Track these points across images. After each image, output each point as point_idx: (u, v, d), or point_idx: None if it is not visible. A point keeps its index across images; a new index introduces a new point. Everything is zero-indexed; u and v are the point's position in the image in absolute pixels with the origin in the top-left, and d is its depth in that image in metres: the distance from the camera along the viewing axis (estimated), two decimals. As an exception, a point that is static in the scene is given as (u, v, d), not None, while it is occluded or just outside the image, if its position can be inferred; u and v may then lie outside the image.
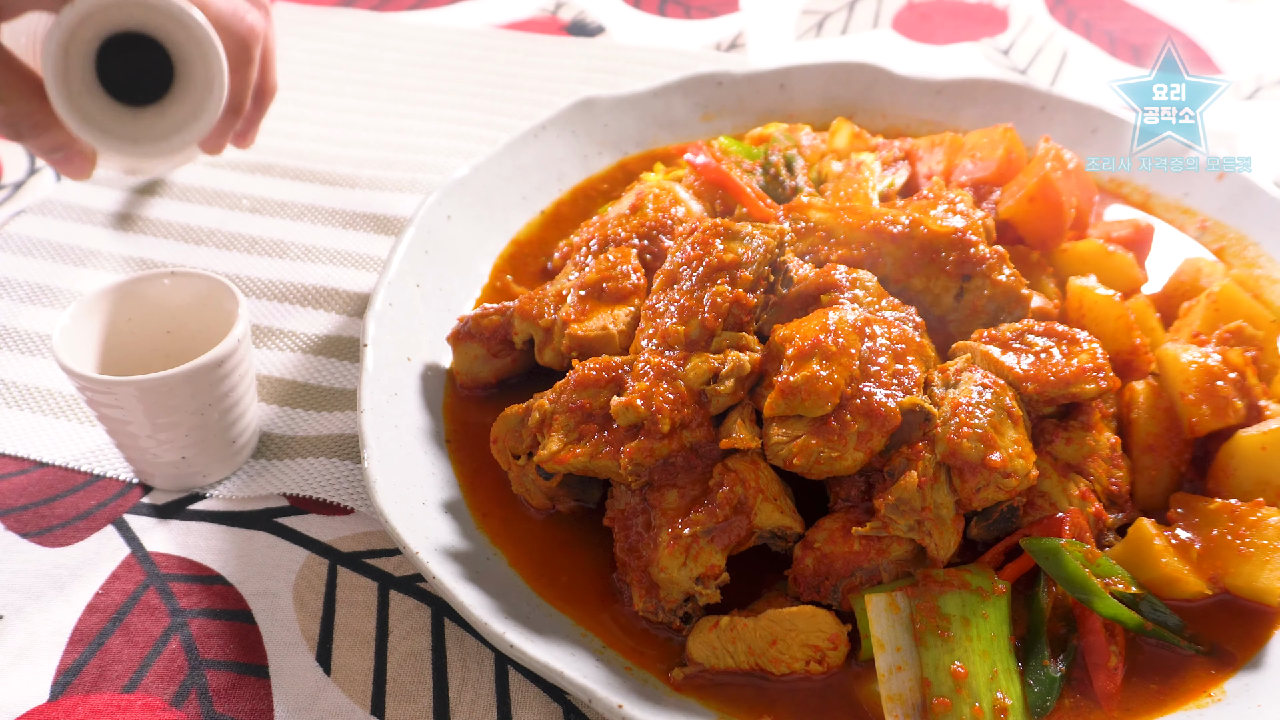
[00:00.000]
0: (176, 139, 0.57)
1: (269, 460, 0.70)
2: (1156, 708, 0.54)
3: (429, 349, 0.73)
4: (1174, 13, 1.22)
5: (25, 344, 0.79)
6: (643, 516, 0.59)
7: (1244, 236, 0.78)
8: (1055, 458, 0.61)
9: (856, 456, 0.56)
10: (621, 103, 0.90)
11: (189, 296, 0.68)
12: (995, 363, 0.61)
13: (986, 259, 0.66)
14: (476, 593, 0.56)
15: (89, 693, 0.57)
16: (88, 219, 0.91)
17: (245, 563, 0.64)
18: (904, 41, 1.19)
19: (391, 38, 1.19)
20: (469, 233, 0.80)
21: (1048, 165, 0.74)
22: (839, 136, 0.84)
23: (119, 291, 0.67)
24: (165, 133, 0.57)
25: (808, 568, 0.57)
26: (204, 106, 0.56)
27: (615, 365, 0.60)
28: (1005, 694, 0.52)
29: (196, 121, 0.56)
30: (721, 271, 0.61)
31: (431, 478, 0.64)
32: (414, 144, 1.01)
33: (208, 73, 0.55)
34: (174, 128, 0.57)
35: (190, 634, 0.60)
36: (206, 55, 0.54)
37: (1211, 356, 0.63)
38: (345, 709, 0.57)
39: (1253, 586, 0.57)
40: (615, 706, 0.50)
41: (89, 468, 0.70)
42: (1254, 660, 0.55)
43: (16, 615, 0.61)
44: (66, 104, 0.53)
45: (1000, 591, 0.55)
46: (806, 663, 0.55)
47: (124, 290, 0.67)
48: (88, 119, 0.54)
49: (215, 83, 0.55)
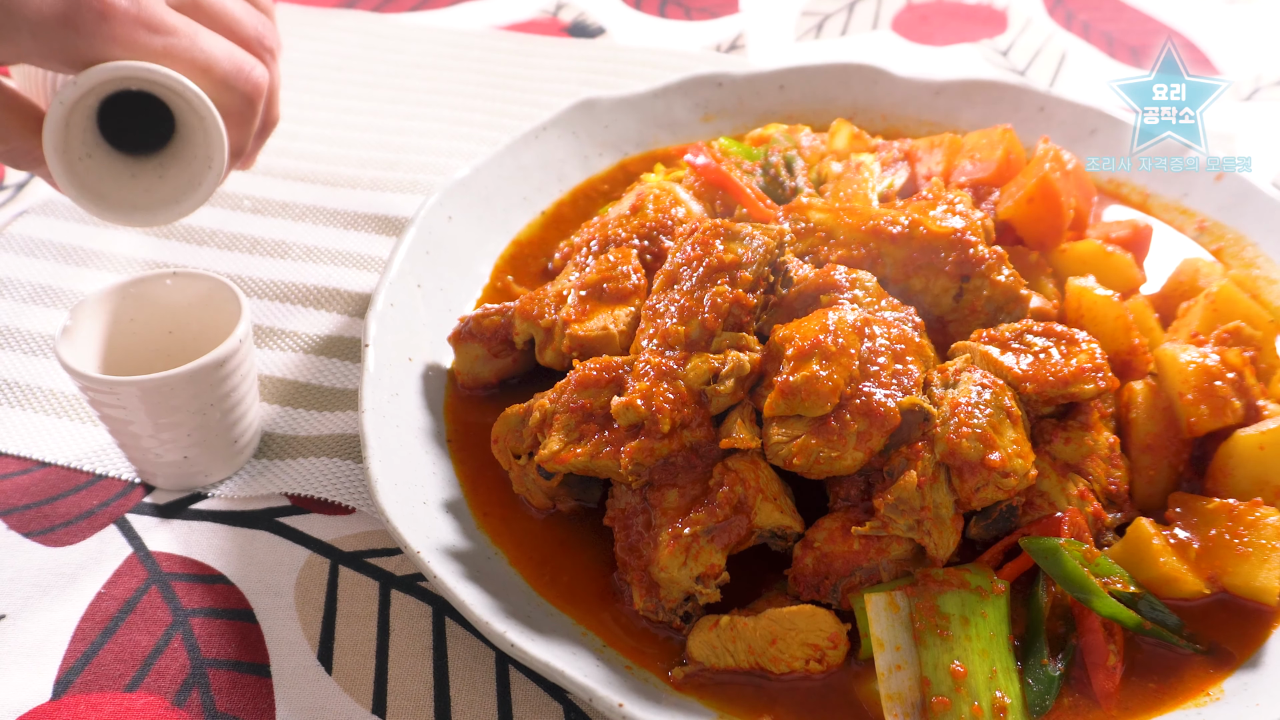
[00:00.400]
0: (174, 209, 0.56)
1: (271, 460, 0.71)
2: (1155, 706, 0.54)
3: (430, 349, 0.73)
4: (1172, 14, 1.22)
5: (28, 344, 0.79)
6: (643, 516, 0.59)
7: (1242, 237, 0.79)
8: (1054, 457, 0.61)
9: (856, 456, 0.56)
10: (622, 104, 0.90)
11: (191, 297, 0.68)
12: (994, 363, 0.61)
13: (985, 259, 0.66)
14: (477, 592, 0.56)
15: (91, 691, 0.57)
16: (90, 220, 0.91)
17: (247, 562, 0.64)
18: (903, 43, 1.19)
19: (393, 39, 1.19)
20: (470, 233, 0.81)
21: (1046, 166, 0.74)
22: (838, 137, 0.84)
23: (121, 292, 0.67)
24: (162, 201, 0.56)
25: (807, 567, 0.58)
26: (202, 180, 0.55)
27: (616, 365, 0.60)
28: (1004, 693, 0.52)
29: (194, 193, 0.56)
30: (721, 272, 0.61)
31: (433, 477, 0.65)
32: (415, 145, 1.01)
33: (208, 148, 0.54)
34: (171, 197, 0.56)
35: (192, 633, 0.60)
36: (208, 131, 0.54)
37: (1210, 356, 0.64)
38: (346, 708, 0.57)
39: (1251, 586, 0.57)
40: (616, 705, 0.51)
41: (91, 467, 0.70)
42: (1252, 659, 0.56)
43: (19, 614, 0.61)
44: (66, 175, 0.52)
45: (999, 591, 0.55)
46: (806, 661, 0.55)
47: (126, 291, 0.67)
48: (85, 188, 0.54)
49: (215, 159, 0.54)
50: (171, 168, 0.57)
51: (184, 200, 0.57)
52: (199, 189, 0.56)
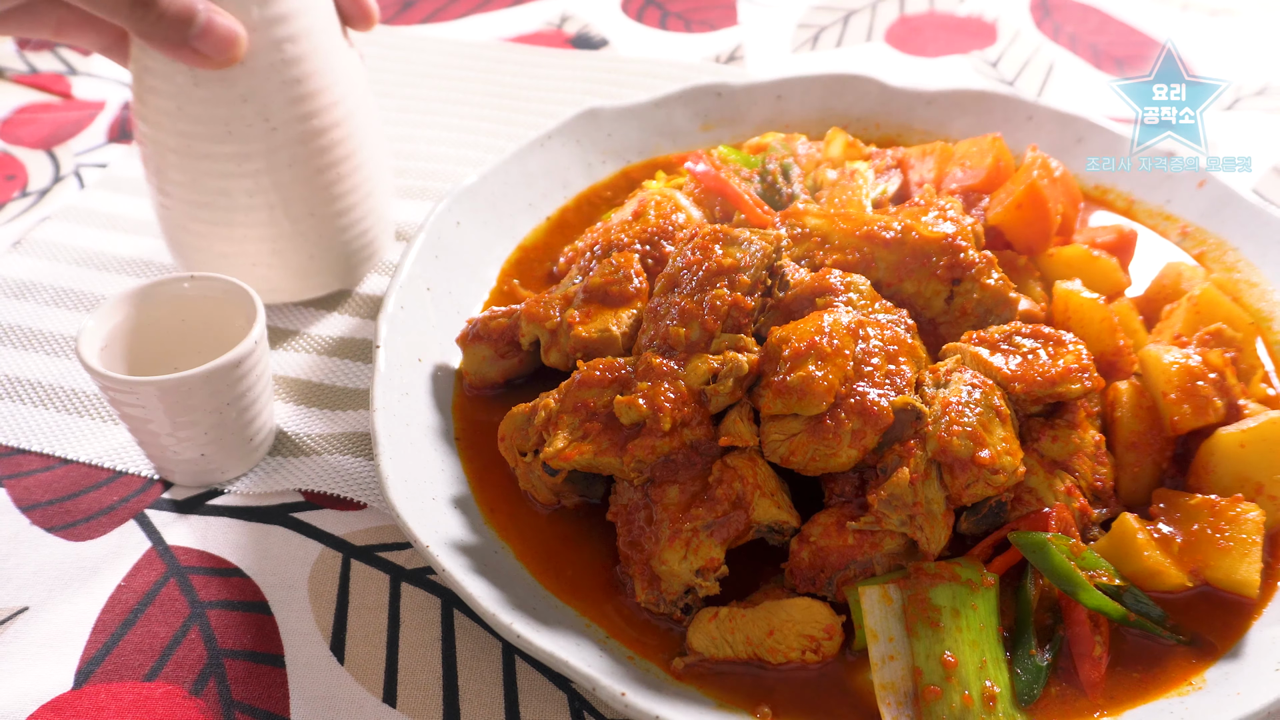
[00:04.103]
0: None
1: (285, 457, 0.72)
2: (1139, 695, 0.55)
3: (439, 350, 0.74)
4: (1156, 26, 1.24)
5: (51, 345, 0.81)
6: (645, 511, 0.60)
7: (1223, 242, 0.80)
8: (1042, 455, 0.62)
9: (850, 454, 0.57)
10: (624, 113, 0.91)
11: (208, 299, 0.70)
12: (984, 363, 0.62)
13: (976, 263, 0.67)
14: (485, 585, 0.57)
15: (111, 681, 0.58)
16: (110, 225, 0.93)
17: (262, 556, 0.66)
18: (896, 54, 1.21)
19: (403, 50, 1.21)
20: (477, 238, 0.82)
21: (1035, 173, 0.75)
22: (834, 145, 0.85)
23: (141, 295, 0.68)
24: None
25: (803, 561, 0.59)
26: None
27: (618, 366, 0.61)
28: (993, 682, 0.53)
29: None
30: (720, 276, 0.63)
31: (441, 474, 0.66)
32: (424, 153, 1.03)
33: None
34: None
35: (209, 624, 0.61)
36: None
37: (1192, 357, 0.65)
38: (358, 697, 0.58)
39: (1232, 579, 0.58)
40: (618, 694, 0.52)
41: (112, 464, 0.72)
42: (1233, 650, 0.56)
43: (42, 607, 0.63)
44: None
45: (989, 584, 0.56)
46: (802, 652, 0.56)
47: (146, 294, 0.68)
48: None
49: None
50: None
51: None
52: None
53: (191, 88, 0.68)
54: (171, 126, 0.70)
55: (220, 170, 0.71)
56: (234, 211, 0.73)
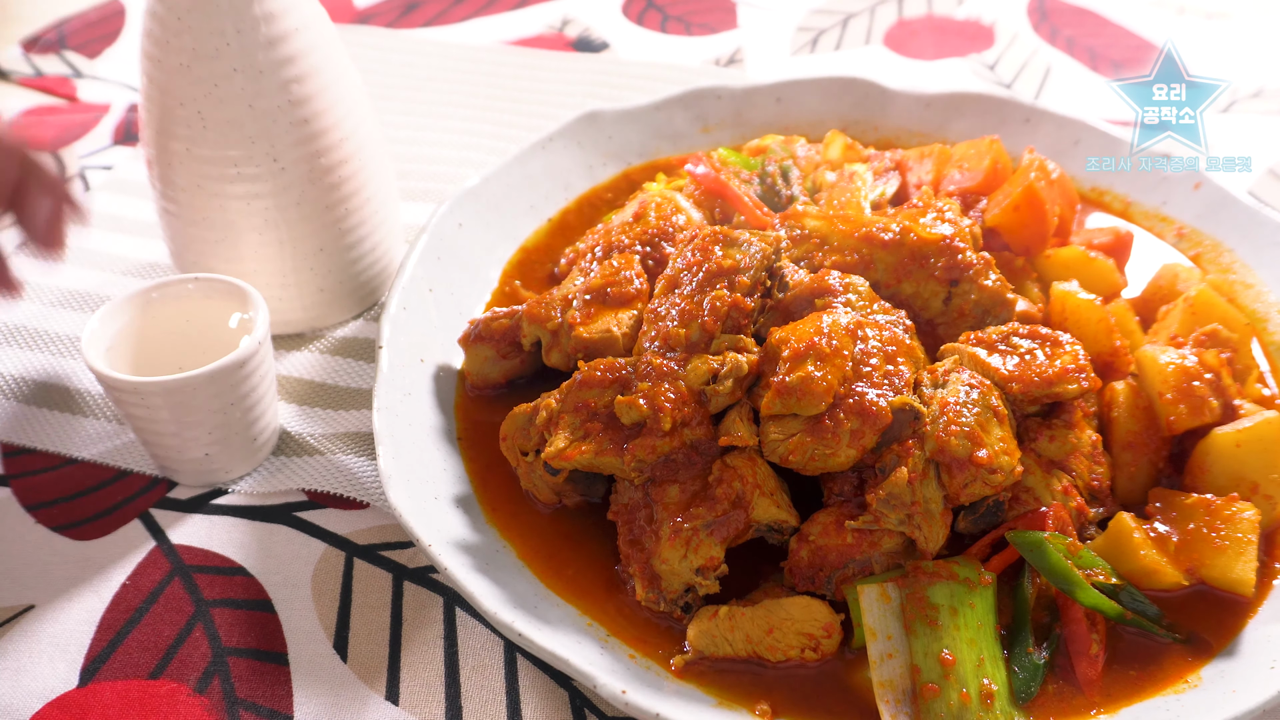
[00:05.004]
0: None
1: (288, 457, 0.72)
2: (1136, 693, 0.55)
3: (441, 351, 0.75)
4: (1153, 29, 1.25)
5: (56, 346, 0.81)
6: (645, 511, 0.60)
7: (1219, 243, 0.80)
8: (1039, 454, 0.62)
9: (849, 453, 0.57)
10: (625, 116, 0.92)
11: (212, 300, 0.70)
12: (982, 364, 0.63)
13: (973, 265, 0.67)
14: (486, 584, 0.58)
15: (116, 679, 0.59)
16: (115, 227, 0.93)
17: (266, 555, 0.66)
18: (895, 57, 1.21)
19: (405, 53, 1.21)
20: (479, 240, 0.82)
21: (1032, 175, 0.75)
22: (832, 148, 0.86)
23: (145, 296, 0.69)
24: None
25: (803, 560, 0.59)
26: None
27: (619, 366, 0.62)
28: (991, 680, 0.54)
29: None
30: (720, 277, 0.63)
31: (443, 474, 0.66)
32: (427, 155, 1.04)
33: None
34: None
35: (213, 623, 0.62)
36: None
37: (1188, 358, 0.65)
38: (361, 694, 0.58)
39: (1227, 578, 0.58)
40: (619, 692, 0.52)
41: (116, 464, 0.72)
42: (1229, 648, 0.57)
43: (48, 605, 0.63)
44: None
45: (986, 582, 0.56)
46: (801, 650, 0.57)
47: (150, 294, 0.69)
48: None
49: None
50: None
51: None
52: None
53: (201, 131, 0.69)
54: (181, 166, 0.71)
55: (231, 209, 0.72)
56: (244, 247, 0.74)
